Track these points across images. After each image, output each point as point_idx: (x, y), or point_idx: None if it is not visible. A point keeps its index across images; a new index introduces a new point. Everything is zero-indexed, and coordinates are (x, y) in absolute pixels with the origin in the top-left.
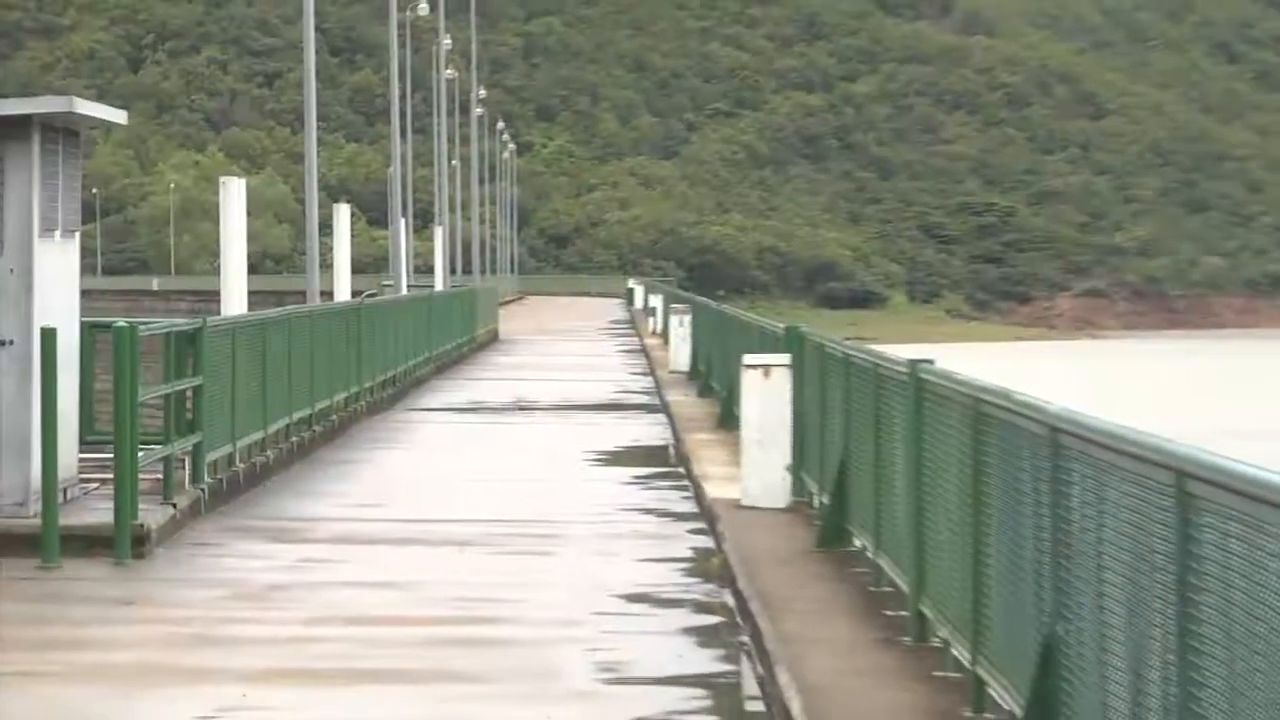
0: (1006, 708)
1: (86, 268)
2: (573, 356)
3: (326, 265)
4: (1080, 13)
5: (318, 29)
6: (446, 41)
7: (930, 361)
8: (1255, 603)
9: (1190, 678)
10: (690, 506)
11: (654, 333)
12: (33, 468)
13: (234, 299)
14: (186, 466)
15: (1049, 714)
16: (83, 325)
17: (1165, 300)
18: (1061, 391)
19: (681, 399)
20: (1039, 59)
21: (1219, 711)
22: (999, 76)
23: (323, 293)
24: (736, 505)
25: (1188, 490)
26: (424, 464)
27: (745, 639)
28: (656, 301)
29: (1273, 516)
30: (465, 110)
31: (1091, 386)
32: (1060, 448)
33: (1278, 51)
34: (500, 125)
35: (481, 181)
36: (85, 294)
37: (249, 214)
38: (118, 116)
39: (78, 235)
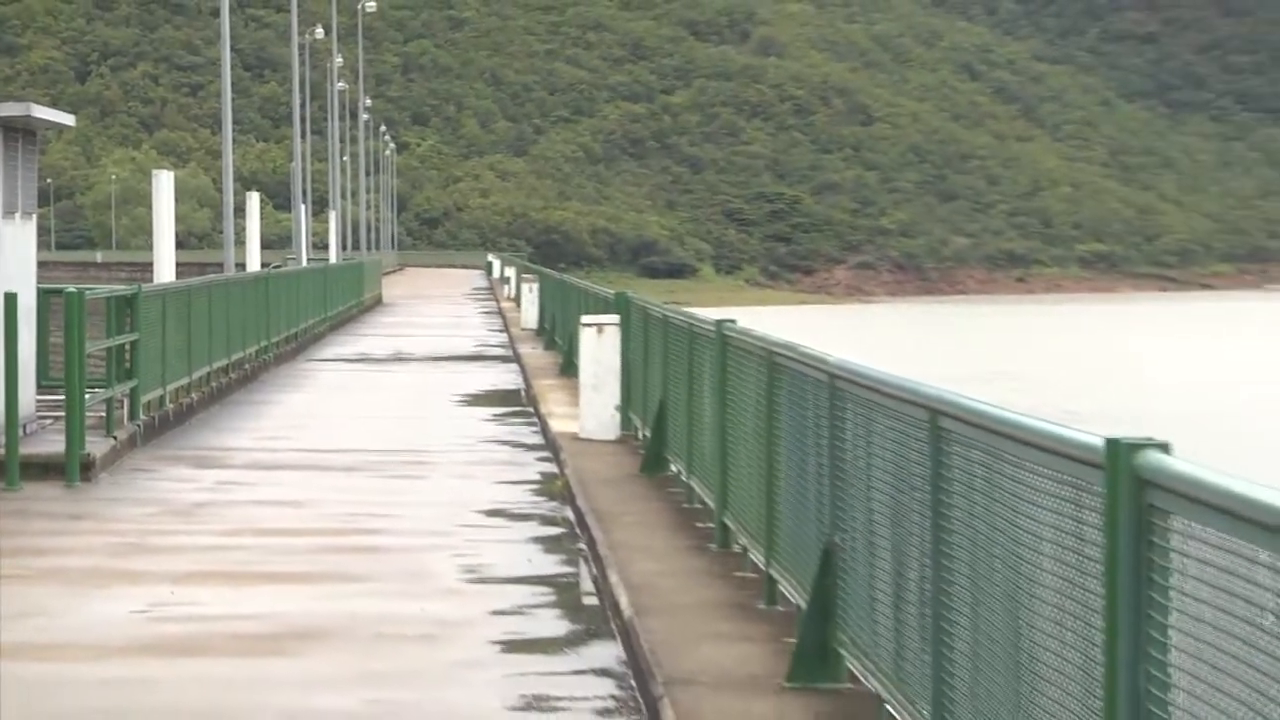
0: (793, 601)
1: (42, 244)
2: (442, 317)
3: (240, 242)
4: (853, 38)
5: (233, 49)
6: (338, 60)
7: (733, 321)
8: (993, 515)
9: (941, 576)
10: (538, 439)
11: (508, 298)
12: None
13: (164, 269)
14: (125, 406)
15: (827, 606)
16: (39, 291)
17: (921, 272)
18: (837, 345)
19: (531, 351)
20: (820, 76)
21: (964, 603)
22: (788, 90)
23: (238, 264)
24: (575, 438)
25: (939, 425)
26: (320, 404)
27: (582, 546)
28: (510, 272)
29: (1008, 446)
30: (354, 116)
31: (860, 340)
32: (836, 391)
33: (1010, 72)
34: (382, 128)
35: (368, 174)
36: (41, 265)
37: (176, 200)
38: (67, 119)
39: (34, 216)
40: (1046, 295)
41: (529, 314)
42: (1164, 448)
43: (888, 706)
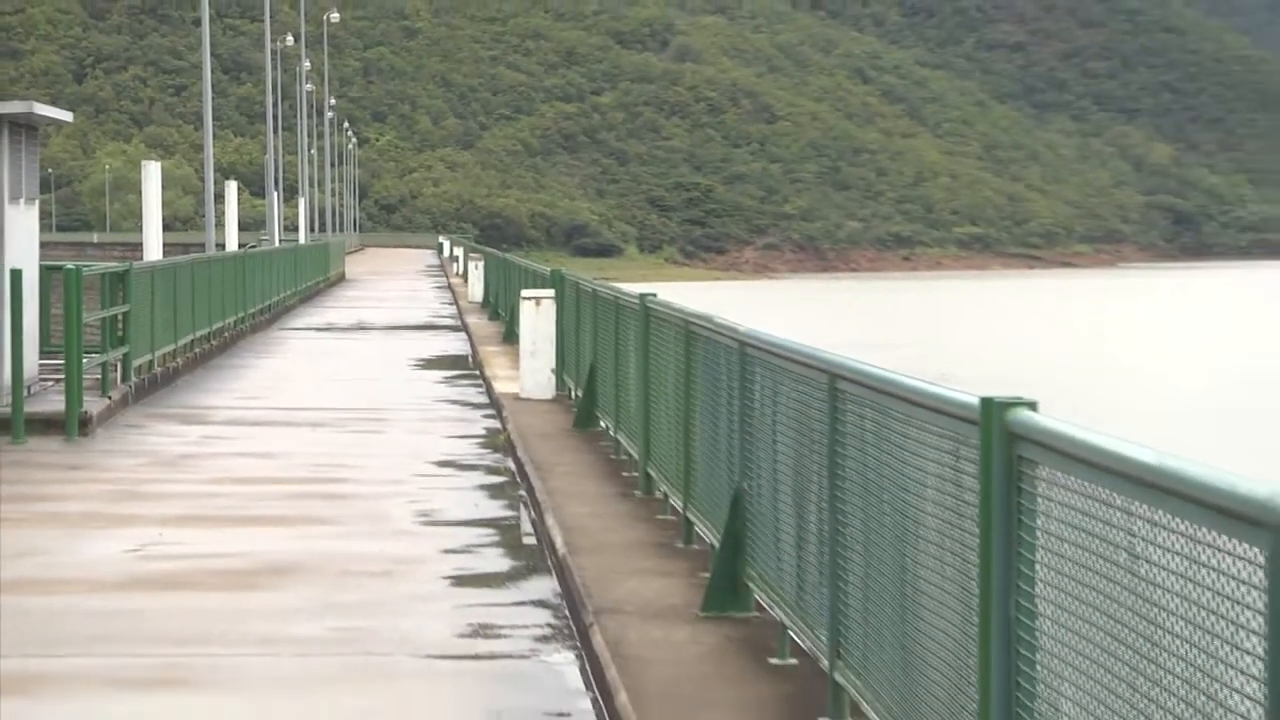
0: (708, 540)
1: (43, 226)
2: (398, 291)
3: (220, 225)
4: (759, 46)
5: (213, 54)
6: (306, 64)
7: (654, 295)
8: (882, 465)
9: (837, 518)
10: (483, 398)
11: (457, 274)
12: (4, 371)
13: (152, 249)
14: (118, 370)
15: (737, 545)
16: (41, 268)
17: (819, 252)
18: (746, 316)
19: (477, 322)
20: (730, 80)
21: (857, 542)
22: (702, 92)
23: (218, 245)
24: (516, 397)
25: (837, 387)
26: (291, 368)
27: (522, 493)
28: (459, 252)
29: (896, 405)
30: (320, 114)
31: (766, 312)
32: (746, 356)
33: (897, 76)
34: (345, 125)
35: (332, 165)
36: (43, 245)
37: (163, 188)
38: (65, 116)
39: (37, 202)
40: (928, 272)
41: (475, 289)
42: (1032, 406)
43: (790, 633)
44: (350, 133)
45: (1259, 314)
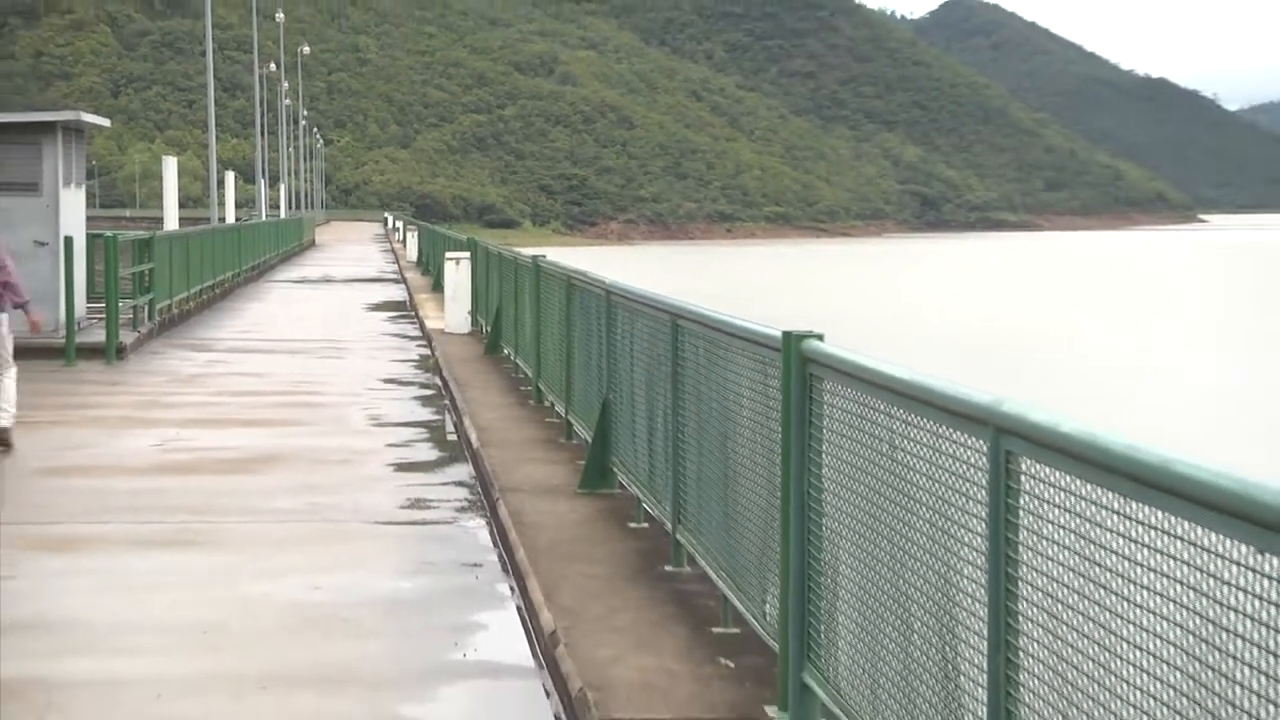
0: (583, 437)
1: (89, 204)
2: (355, 254)
3: (221, 204)
4: (622, 73)
5: (215, 77)
6: (285, 85)
7: (544, 256)
8: (712, 382)
9: (678, 421)
10: (417, 332)
11: (398, 241)
12: (60, 312)
13: (171, 222)
14: (146, 311)
15: (604, 440)
16: (88, 235)
17: (665, 225)
18: (611, 272)
19: (413, 276)
20: (600, 98)
21: (692, 438)
22: (579, 107)
23: (220, 218)
24: (442, 332)
25: (678, 324)
26: (274, 310)
27: (447, 402)
28: (399, 225)
29: (721, 338)
30: (296, 121)
31: (626, 270)
32: (611, 301)
33: (721, 96)
34: (315, 130)
35: (305, 159)
36: (88, 219)
37: (178, 176)
38: (104, 123)
39: (84, 186)
40: (745, 240)
41: (411, 252)
42: (820, 338)
43: (643, 504)
44: (318, 135)
45: (984, 270)
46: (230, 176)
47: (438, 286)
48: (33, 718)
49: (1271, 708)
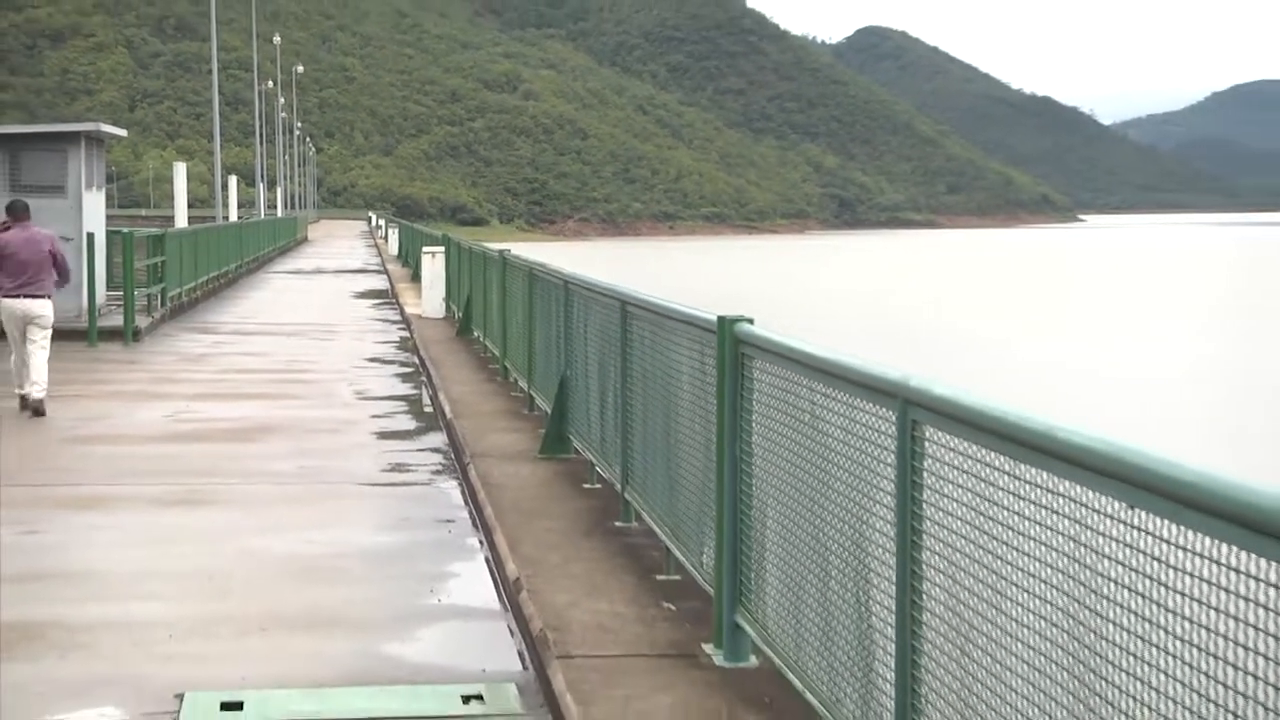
0: (543, 409)
1: (108, 205)
2: (342, 248)
3: (224, 204)
4: (578, 90)
5: (220, 93)
6: (281, 100)
7: (509, 250)
8: (657, 360)
9: (626, 394)
10: (398, 317)
11: (381, 238)
12: (83, 299)
13: (181, 220)
14: (159, 298)
15: (562, 412)
16: (107, 232)
17: (615, 224)
18: (570, 264)
19: (395, 268)
20: (558, 112)
21: (638, 409)
22: (540, 120)
23: (224, 217)
24: (419, 316)
25: (626, 310)
26: (272, 297)
27: (424, 378)
28: (382, 223)
29: (666, 322)
30: (291, 132)
31: (580, 263)
32: (569, 290)
33: (665, 110)
34: (307, 140)
35: (299, 165)
36: (107, 217)
37: (187, 180)
38: (122, 133)
39: (104, 189)
40: (685, 237)
41: (393, 247)
42: (750, 321)
43: (596, 468)
44: (310, 144)
45: (896, 263)
46: (233, 180)
47: (416, 277)
48: (58, 656)
49: (1138, 640)
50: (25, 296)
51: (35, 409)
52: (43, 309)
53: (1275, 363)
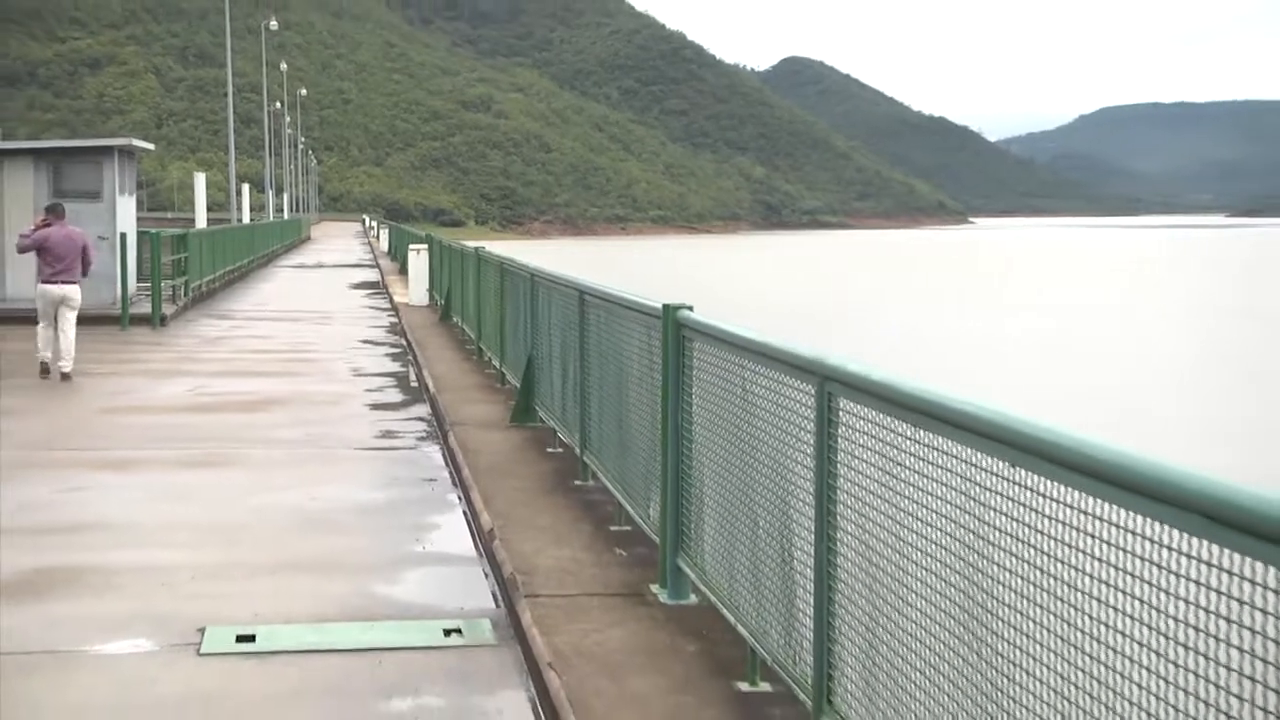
0: (513, 384)
1: (138, 208)
2: (340, 246)
3: (239, 208)
4: (544, 111)
5: (234, 112)
6: (287, 118)
7: (483, 247)
8: (612, 342)
9: (584, 371)
10: (387, 305)
11: (374, 237)
12: (116, 289)
13: (201, 222)
14: (182, 289)
15: (529, 386)
16: (138, 232)
17: (575, 225)
18: (536, 260)
19: (386, 263)
20: (526, 129)
21: (595, 384)
22: (510, 135)
23: (238, 219)
24: (407, 304)
25: (584, 300)
26: (280, 288)
27: (410, 358)
28: (375, 224)
29: (618, 310)
30: (295, 146)
31: (545, 258)
32: (534, 282)
33: (618, 127)
34: (310, 152)
35: (303, 175)
36: (137, 219)
37: (206, 187)
38: (150, 147)
39: (134, 194)
40: (635, 236)
41: (384, 244)
42: (690, 308)
43: (559, 434)
44: (312, 156)
45: (815, 257)
46: (246, 187)
47: (403, 270)
48: (95, 595)
49: (1018, 579)
50: (61, 283)
51: (63, 376)
52: (74, 293)
53: (1104, 331)
